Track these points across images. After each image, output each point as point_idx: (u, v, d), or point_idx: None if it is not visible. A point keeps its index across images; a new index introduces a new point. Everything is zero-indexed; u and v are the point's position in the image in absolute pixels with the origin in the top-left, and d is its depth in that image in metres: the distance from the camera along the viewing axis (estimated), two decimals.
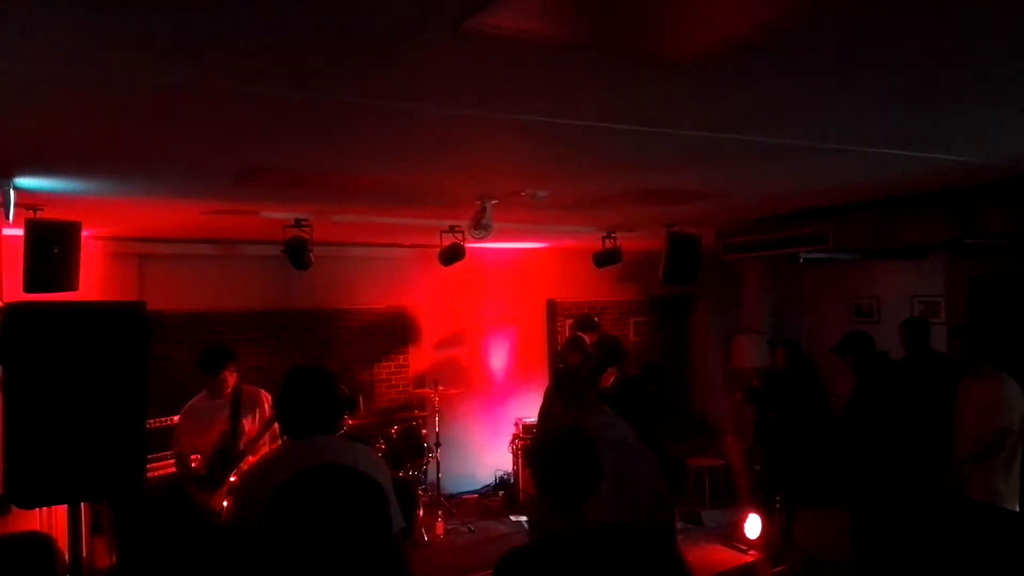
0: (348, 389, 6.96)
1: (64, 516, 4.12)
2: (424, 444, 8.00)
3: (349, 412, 7.20)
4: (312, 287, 7.85)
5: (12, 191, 4.25)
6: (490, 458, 9.24)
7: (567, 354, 7.76)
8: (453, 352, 9.34)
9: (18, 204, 4.40)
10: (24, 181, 4.31)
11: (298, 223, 6.13)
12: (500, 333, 9.63)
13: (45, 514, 5.60)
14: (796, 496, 7.10)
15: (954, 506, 5.45)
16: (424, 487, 8.16)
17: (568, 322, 9.65)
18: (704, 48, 2.46)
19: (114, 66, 2.49)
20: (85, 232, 5.36)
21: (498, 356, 9.62)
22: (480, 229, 5.50)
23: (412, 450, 7.79)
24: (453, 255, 6.73)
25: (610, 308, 10.25)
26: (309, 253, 6.24)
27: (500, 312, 9.58)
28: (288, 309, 8.32)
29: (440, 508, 8.04)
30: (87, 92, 2.79)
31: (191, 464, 5.21)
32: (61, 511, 5.12)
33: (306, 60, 2.49)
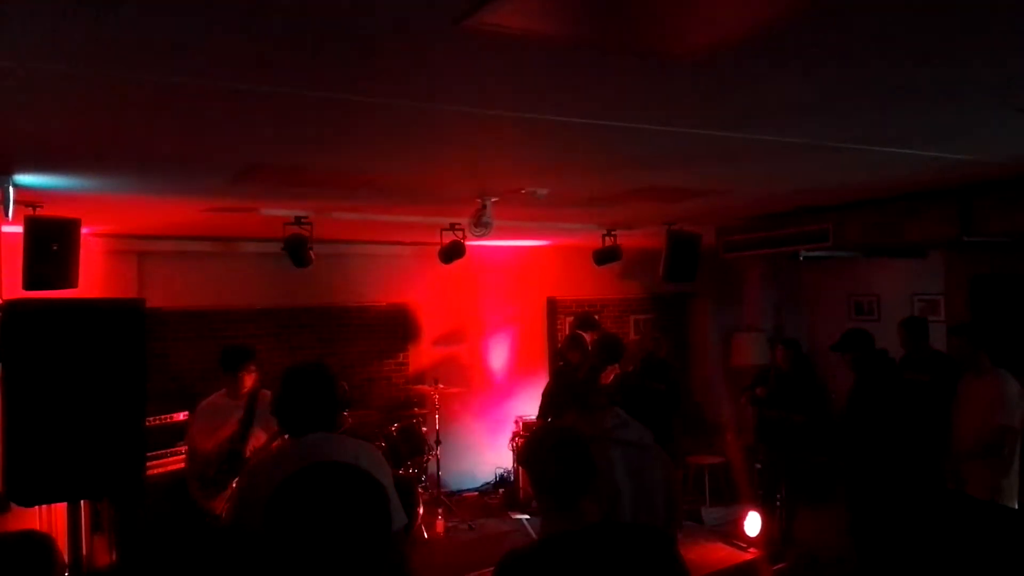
0: (348, 387, 6.94)
1: (64, 514, 4.13)
2: (424, 442, 8.00)
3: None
4: (312, 285, 7.84)
5: (11, 188, 4.24)
6: (490, 456, 9.25)
7: (567, 352, 7.75)
8: (453, 350, 9.34)
9: (17, 201, 4.40)
10: (23, 178, 4.30)
11: (298, 221, 6.13)
12: (500, 331, 9.63)
13: (45, 512, 5.61)
14: (796, 494, 7.11)
15: (954, 503, 5.45)
16: (424, 485, 8.16)
17: (568, 320, 9.66)
18: (704, 46, 2.45)
19: (113, 64, 2.48)
20: (85, 229, 5.35)
21: (498, 354, 9.62)
22: (480, 227, 5.50)
23: (412, 448, 7.79)
24: (453, 253, 6.73)
25: (610, 306, 10.25)
26: (309, 251, 6.23)
27: (500, 310, 9.58)
28: (288, 307, 8.32)
29: (440, 506, 8.04)
30: (86, 90, 2.79)
31: (199, 461, 5.09)
32: (61, 509, 5.14)
33: (306, 58, 2.48)
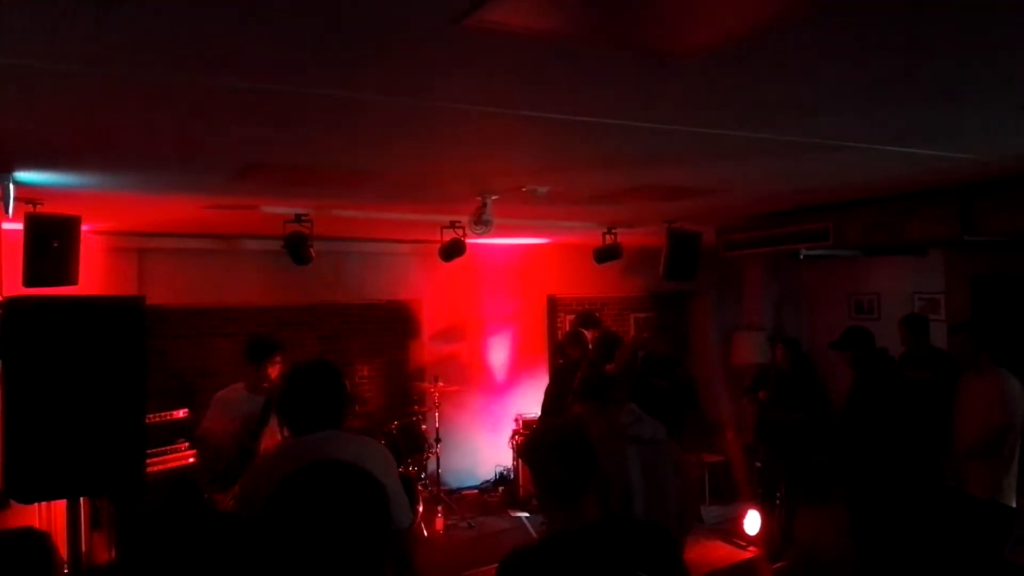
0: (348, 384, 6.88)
1: (63, 511, 4.13)
2: (424, 439, 8.00)
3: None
4: (312, 282, 7.84)
5: (12, 185, 4.24)
6: (490, 454, 9.25)
7: (567, 347, 7.77)
8: (454, 347, 9.34)
9: (18, 198, 4.39)
10: (24, 175, 4.30)
11: (298, 218, 6.13)
12: (500, 329, 9.63)
13: (44, 509, 5.61)
14: (796, 492, 7.11)
15: (954, 502, 5.46)
16: (424, 482, 8.16)
17: (569, 318, 9.66)
18: (704, 45, 2.45)
19: (114, 63, 2.48)
20: (85, 226, 5.35)
21: (498, 352, 9.62)
22: (481, 225, 5.50)
23: (412, 445, 7.79)
24: (454, 251, 6.73)
25: (611, 304, 10.25)
26: (309, 248, 6.23)
27: (500, 308, 9.58)
28: (288, 304, 8.32)
29: (440, 504, 8.05)
30: (87, 88, 2.79)
31: (210, 451, 4.96)
32: (60, 506, 5.13)
33: (306, 57, 2.48)
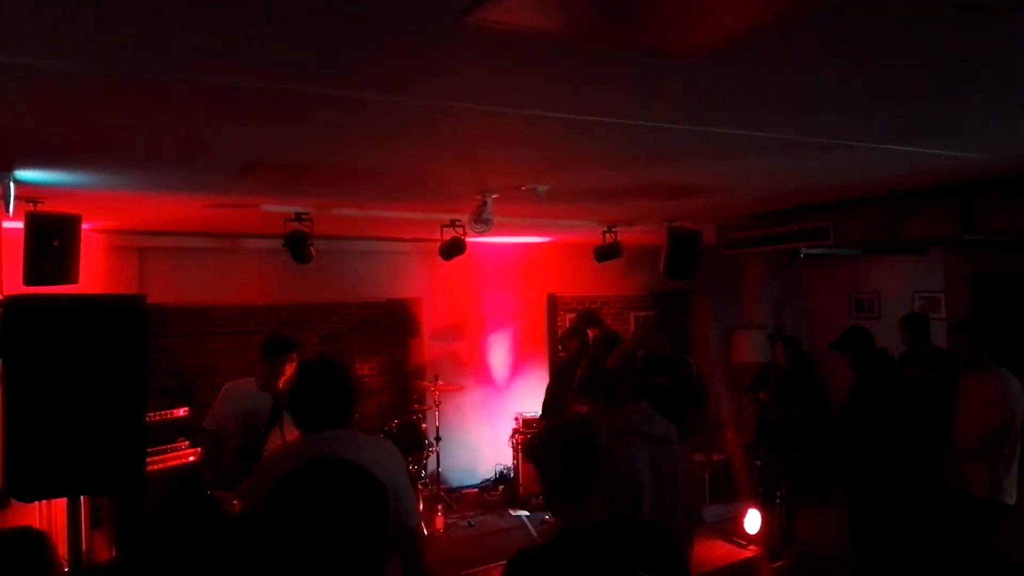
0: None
1: (64, 510, 4.13)
2: (424, 438, 8.00)
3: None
4: (313, 281, 7.83)
5: (12, 184, 4.24)
6: (490, 452, 9.24)
7: (567, 341, 7.80)
8: (454, 346, 9.34)
9: (18, 197, 4.39)
10: (24, 174, 4.30)
11: (299, 217, 6.13)
12: (501, 327, 9.63)
13: (45, 508, 5.61)
14: (796, 492, 7.11)
15: (954, 501, 5.46)
16: (424, 481, 8.16)
17: (569, 316, 9.67)
18: (705, 44, 2.44)
19: (114, 62, 2.48)
20: (85, 225, 5.35)
21: (499, 350, 9.62)
22: (481, 223, 5.49)
23: (412, 444, 7.78)
24: (454, 249, 6.73)
25: (611, 303, 10.25)
26: (310, 247, 6.23)
27: (501, 306, 9.57)
28: (288, 303, 8.32)
29: (440, 502, 8.05)
30: (87, 87, 2.78)
31: (213, 444, 4.96)
32: (61, 505, 5.13)
33: (306, 54, 2.48)
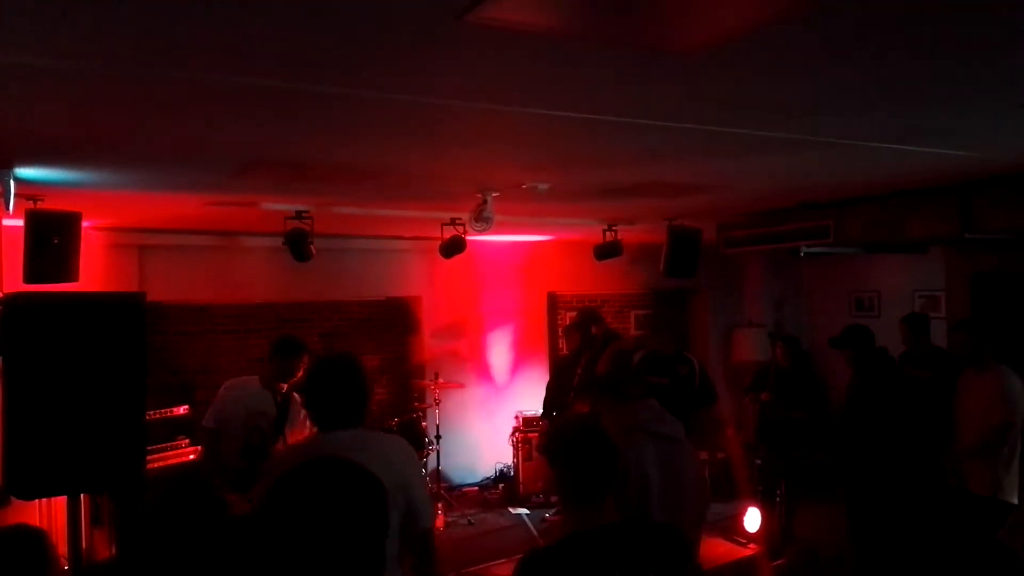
0: None
1: (64, 508, 4.13)
2: (424, 436, 7.99)
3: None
4: (313, 279, 7.82)
5: (12, 182, 4.24)
6: (490, 451, 9.23)
7: (567, 335, 7.81)
8: (454, 344, 9.33)
9: (18, 195, 4.39)
10: (24, 172, 4.30)
11: (299, 215, 6.12)
12: (501, 326, 9.61)
13: (45, 506, 5.61)
14: (796, 490, 7.11)
15: (955, 500, 5.46)
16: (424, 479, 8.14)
17: (570, 315, 9.64)
18: (704, 43, 2.44)
19: (114, 60, 2.48)
20: (85, 223, 5.35)
21: (499, 349, 9.61)
22: (481, 222, 5.49)
23: (412, 442, 7.69)
24: (454, 247, 6.73)
25: (611, 301, 10.24)
26: (310, 245, 6.23)
27: (501, 304, 9.56)
28: (289, 301, 8.32)
29: (440, 500, 8.04)
30: (87, 85, 2.78)
31: (213, 444, 4.89)
32: (61, 503, 5.13)
33: (306, 53, 2.48)
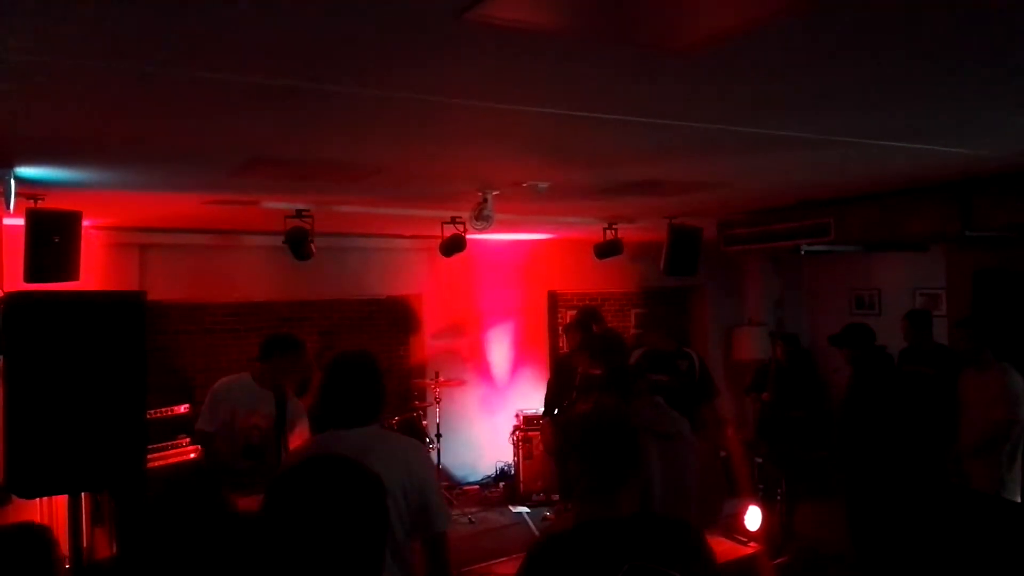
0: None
1: (65, 506, 4.13)
2: (425, 435, 8.00)
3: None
4: (313, 278, 7.82)
5: (13, 181, 4.24)
6: (491, 449, 9.23)
7: (568, 333, 7.80)
8: (454, 342, 9.33)
9: (19, 194, 4.39)
10: (25, 171, 4.30)
11: (299, 213, 6.12)
12: (501, 324, 9.61)
13: (45, 504, 5.61)
14: (797, 488, 7.11)
15: (957, 497, 5.45)
16: None
17: (570, 313, 9.63)
18: (704, 41, 2.44)
19: (115, 59, 2.48)
20: (86, 222, 5.35)
21: (499, 347, 9.61)
22: (481, 220, 5.49)
23: None
24: (454, 246, 6.73)
25: (611, 299, 10.23)
26: (310, 244, 6.22)
27: (501, 303, 9.56)
28: (289, 300, 8.32)
29: None
30: (87, 84, 2.78)
31: (213, 446, 4.93)
32: (62, 501, 5.13)
33: (307, 51, 2.48)
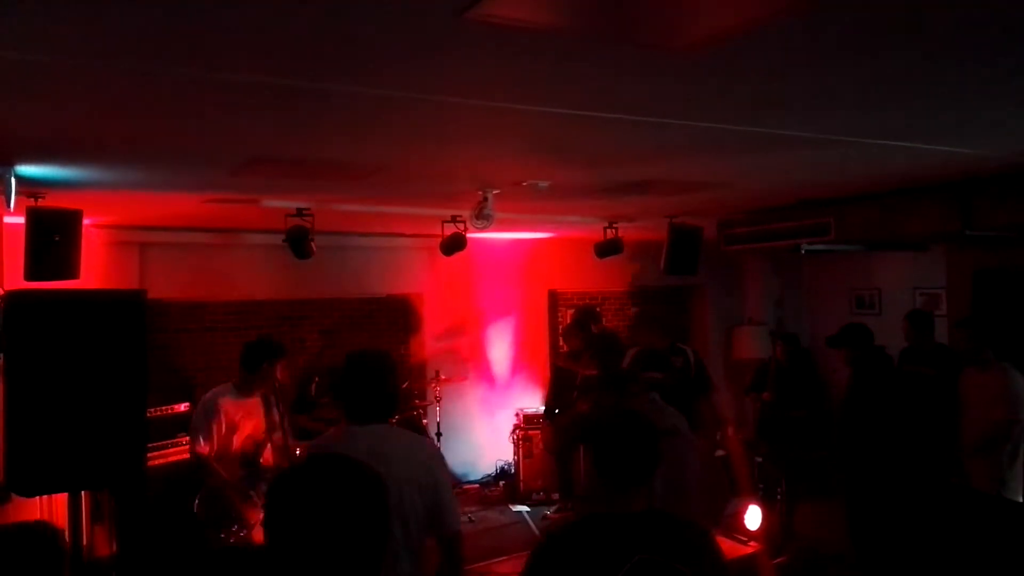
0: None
1: (65, 504, 4.13)
2: (425, 434, 7.99)
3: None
4: (313, 276, 7.82)
5: (13, 179, 4.24)
6: (491, 448, 9.23)
7: (570, 337, 7.79)
8: (454, 341, 9.33)
9: (19, 192, 4.39)
10: (25, 170, 4.30)
11: (300, 212, 6.12)
12: (501, 323, 9.61)
13: (45, 502, 5.61)
14: (797, 488, 7.11)
15: (957, 496, 5.45)
16: None
17: (571, 312, 9.64)
18: (704, 40, 2.44)
19: (115, 58, 2.48)
20: (86, 220, 5.35)
21: (499, 346, 9.61)
22: (481, 219, 5.49)
23: None
24: (454, 245, 6.73)
25: (612, 298, 10.22)
26: (311, 242, 6.22)
27: (501, 302, 9.56)
28: (289, 298, 8.31)
29: None
30: (87, 83, 2.78)
31: (208, 462, 5.05)
32: (61, 499, 5.13)
33: (307, 50, 2.48)
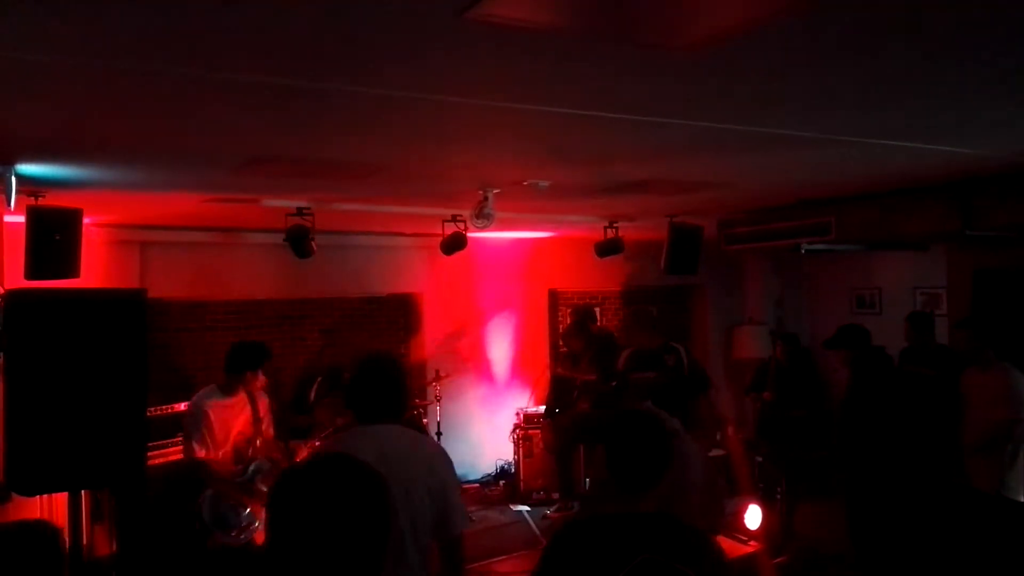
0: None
1: (64, 504, 4.14)
2: (425, 433, 7.97)
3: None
4: (314, 276, 7.81)
5: (14, 178, 4.24)
6: (491, 448, 9.22)
7: (570, 340, 7.79)
8: (455, 341, 9.32)
9: (20, 191, 4.39)
10: (26, 168, 4.30)
11: (300, 211, 6.12)
12: (502, 322, 9.60)
13: (45, 501, 5.61)
14: (797, 487, 7.11)
15: (958, 496, 5.45)
16: None
17: (569, 312, 9.63)
18: (704, 39, 2.44)
19: (115, 57, 2.48)
20: (86, 219, 5.34)
21: (500, 345, 9.60)
22: (482, 218, 5.49)
23: None
24: (455, 244, 6.73)
25: (612, 298, 10.22)
26: (311, 241, 6.22)
27: (502, 301, 9.55)
28: (290, 297, 8.31)
29: None
30: (88, 82, 2.78)
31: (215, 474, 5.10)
32: (62, 499, 5.13)
33: (308, 50, 2.48)
